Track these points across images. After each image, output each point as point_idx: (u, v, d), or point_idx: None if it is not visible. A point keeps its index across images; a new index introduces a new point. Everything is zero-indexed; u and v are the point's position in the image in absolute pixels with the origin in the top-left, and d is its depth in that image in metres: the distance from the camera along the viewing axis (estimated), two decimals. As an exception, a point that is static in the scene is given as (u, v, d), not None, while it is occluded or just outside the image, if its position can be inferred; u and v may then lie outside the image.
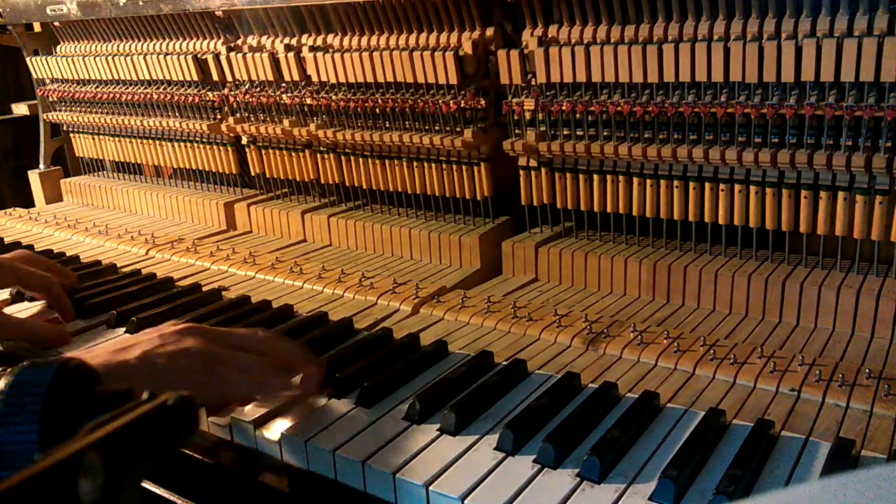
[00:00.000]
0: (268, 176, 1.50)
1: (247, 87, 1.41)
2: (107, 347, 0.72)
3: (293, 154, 1.43)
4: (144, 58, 1.54)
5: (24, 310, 1.09)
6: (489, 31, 1.14)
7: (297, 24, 1.33)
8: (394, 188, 1.31)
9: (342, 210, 1.41)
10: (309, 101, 1.31)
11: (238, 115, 1.45)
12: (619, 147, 1.04)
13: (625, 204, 1.10)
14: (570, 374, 0.81)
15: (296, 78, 1.32)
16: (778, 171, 0.97)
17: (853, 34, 0.87)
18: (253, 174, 1.53)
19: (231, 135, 1.49)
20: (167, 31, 1.55)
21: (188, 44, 1.51)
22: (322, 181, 1.41)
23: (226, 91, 1.45)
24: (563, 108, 1.07)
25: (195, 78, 1.47)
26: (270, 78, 1.35)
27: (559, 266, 1.13)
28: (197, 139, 1.57)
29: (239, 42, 1.43)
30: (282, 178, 1.48)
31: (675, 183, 1.05)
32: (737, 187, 1.01)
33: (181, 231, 1.51)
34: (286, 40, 1.35)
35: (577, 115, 1.07)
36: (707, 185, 1.03)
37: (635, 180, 1.08)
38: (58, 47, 1.78)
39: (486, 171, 1.20)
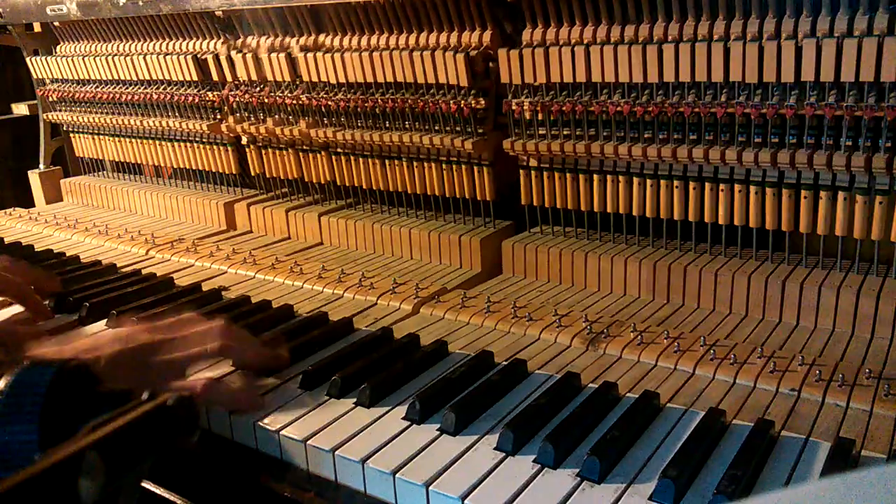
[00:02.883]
0: (268, 176, 1.50)
1: (247, 87, 1.41)
2: (71, 349, 0.72)
3: (293, 154, 1.43)
4: (144, 58, 1.54)
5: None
6: (490, 32, 1.14)
7: (296, 25, 1.33)
8: (394, 188, 1.31)
9: (342, 210, 1.41)
10: (308, 100, 1.31)
11: (238, 115, 1.45)
12: (619, 147, 1.04)
13: (625, 204, 1.10)
14: (570, 374, 0.81)
15: (295, 78, 1.32)
16: (778, 171, 0.97)
17: (853, 34, 0.87)
18: (253, 174, 1.53)
19: (231, 135, 1.49)
20: (167, 31, 1.55)
21: (188, 44, 1.51)
22: (322, 181, 1.41)
23: (226, 91, 1.45)
24: (563, 108, 1.07)
25: (195, 78, 1.47)
26: (270, 78, 1.35)
27: (559, 266, 1.13)
28: (197, 139, 1.57)
29: (239, 42, 1.43)
30: (282, 178, 1.48)
31: (675, 183, 1.05)
32: (737, 187, 1.01)
33: (181, 231, 1.51)
34: (286, 40, 1.35)
35: (577, 115, 1.07)
36: (707, 185, 1.03)
37: (635, 180, 1.08)
38: (58, 47, 1.78)
39: (489, 175, 1.20)
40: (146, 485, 0.75)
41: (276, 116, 1.39)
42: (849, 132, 0.90)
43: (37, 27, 1.84)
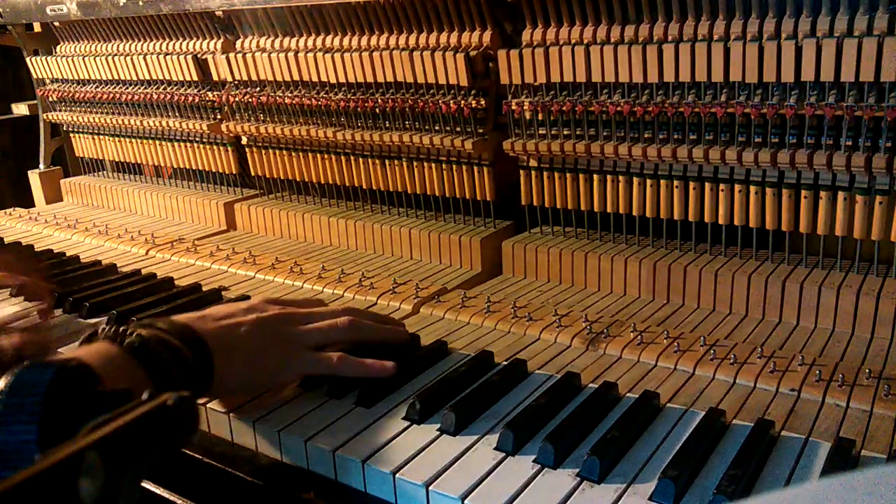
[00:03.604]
0: (268, 176, 1.50)
1: (247, 87, 1.41)
2: (211, 315, 0.76)
3: (293, 154, 1.43)
4: (144, 58, 1.54)
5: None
6: (490, 32, 1.14)
7: (296, 25, 1.33)
8: (394, 188, 1.31)
9: (342, 210, 1.41)
10: (308, 101, 1.31)
11: (238, 115, 1.45)
12: (619, 147, 1.04)
13: (625, 204, 1.10)
14: (570, 374, 0.81)
15: (295, 78, 1.32)
16: (778, 171, 0.97)
17: (853, 34, 0.87)
18: (253, 174, 1.53)
19: (231, 135, 1.49)
20: (167, 31, 1.55)
21: (188, 44, 1.51)
22: (322, 181, 1.41)
23: (226, 91, 1.45)
24: (563, 108, 1.07)
25: (195, 78, 1.47)
26: (270, 78, 1.35)
27: (559, 266, 1.13)
28: (197, 139, 1.57)
29: (239, 42, 1.43)
30: (282, 178, 1.48)
31: (675, 183, 1.05)
32: (737, 187, 1.01)
33: (181, 231, 1.51)
34: (286, 40, 1.35)
35: (577, 115, 1.07)
36: (707, 185, 1.03)
37: (635, 180, 1.08)
38: (58, 47, 1.78)
39: (489, 175, 1.20)
40: (146, 485, 0.75)
41: (276, 116, 1.39)
42: (849, 132, 0.90)
43: (37, 27, 1.84)
